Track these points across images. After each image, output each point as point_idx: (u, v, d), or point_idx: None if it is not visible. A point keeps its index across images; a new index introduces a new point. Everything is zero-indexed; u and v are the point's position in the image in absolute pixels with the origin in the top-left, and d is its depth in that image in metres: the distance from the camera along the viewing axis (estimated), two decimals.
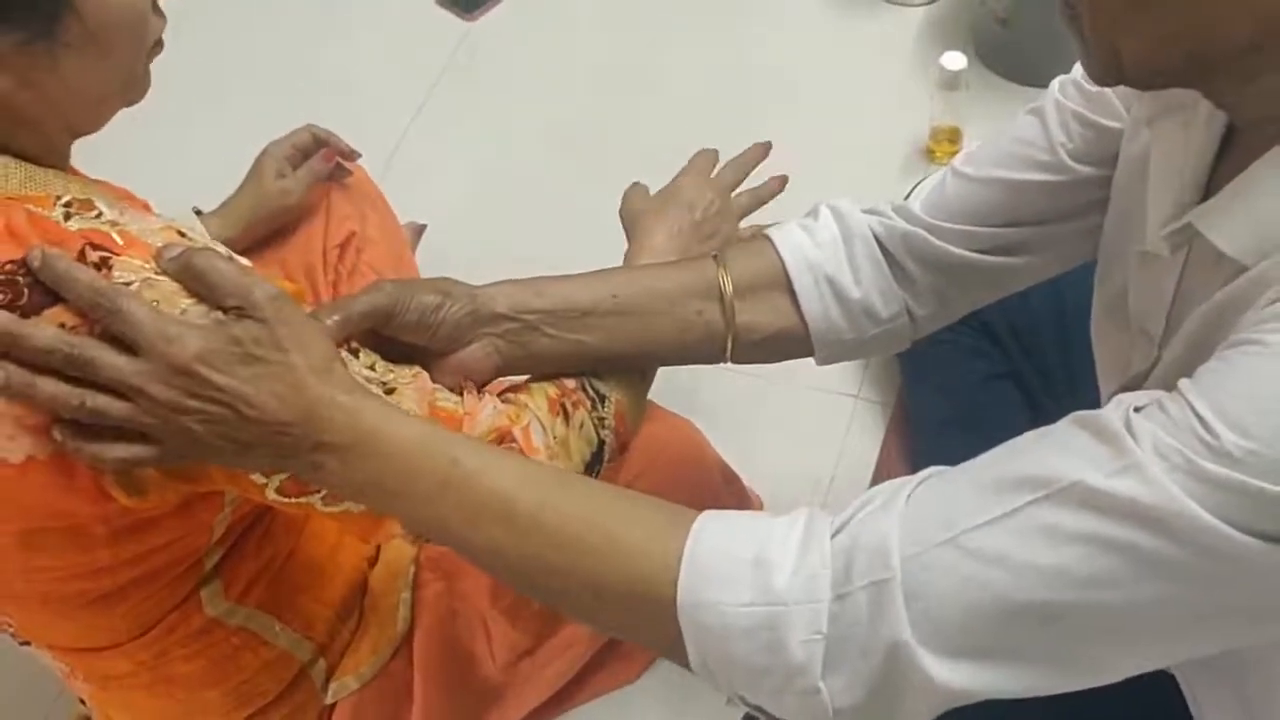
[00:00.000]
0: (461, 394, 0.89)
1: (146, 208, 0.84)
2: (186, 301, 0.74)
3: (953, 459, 0.69)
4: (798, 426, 1.57)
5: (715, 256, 0.99)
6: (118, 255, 0.74)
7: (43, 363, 0.70)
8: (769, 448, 1.52)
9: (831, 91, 1.95)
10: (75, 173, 0.84)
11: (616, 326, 0.95)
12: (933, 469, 0.69)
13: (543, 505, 0.72)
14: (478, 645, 1.13)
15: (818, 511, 0.69)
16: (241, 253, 1.29)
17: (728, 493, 1.34)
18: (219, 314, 0.74)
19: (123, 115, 0.84)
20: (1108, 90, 0.89)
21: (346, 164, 1.40)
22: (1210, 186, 0.75)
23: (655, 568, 0.68)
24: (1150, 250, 0.78)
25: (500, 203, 1.88)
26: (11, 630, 0.94)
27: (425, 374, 0.86)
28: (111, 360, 0.71)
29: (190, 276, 0.74)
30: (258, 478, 0.79)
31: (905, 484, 0.68)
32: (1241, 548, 0.58)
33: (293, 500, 0.81)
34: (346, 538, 1.04)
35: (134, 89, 0.82)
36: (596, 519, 0.72)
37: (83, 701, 1.16)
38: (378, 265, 1.37)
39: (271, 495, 0.80)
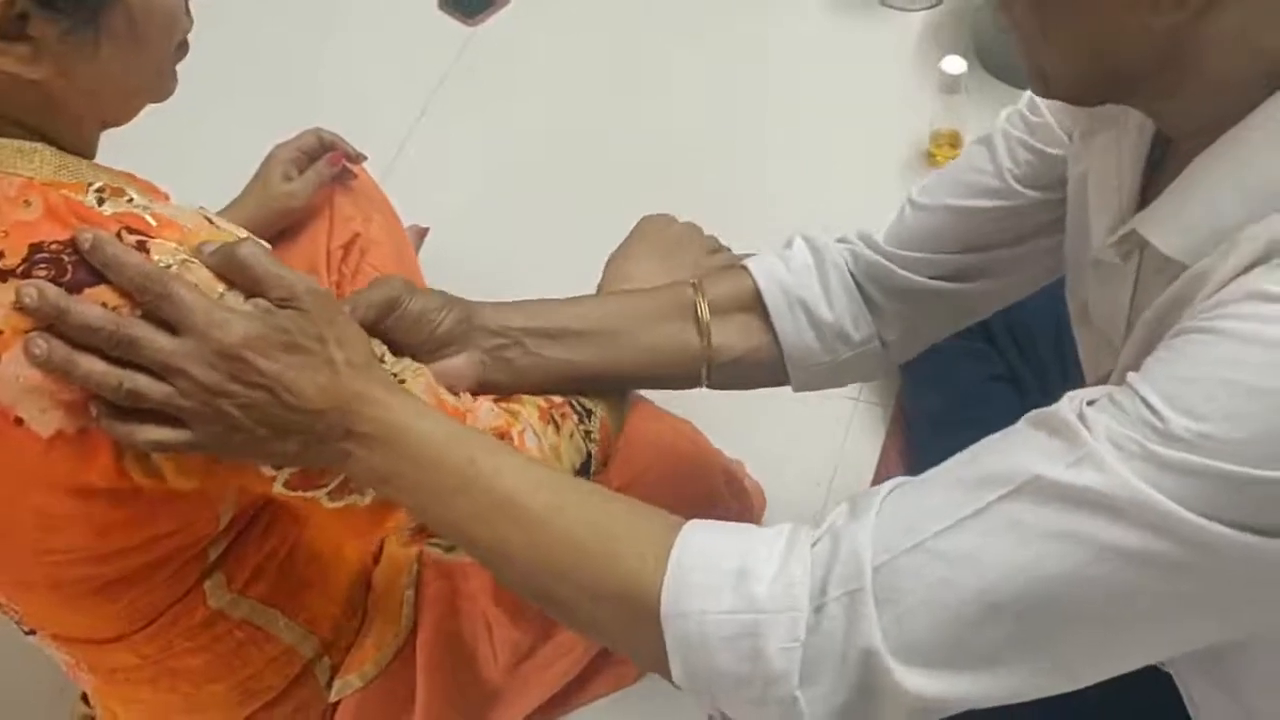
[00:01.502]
0: (458, 395, 0.90)
1: (167, 199, 0.85)
2: (223, 286, 0.75)
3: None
4: (798, 429, 1.57)
5: (693, 284, 1.02)
6: (153, 238, 0.75)
7: (86, 340, 0.71)
8: (769, 451, 1.52)
9: (832, 96, 1.96)
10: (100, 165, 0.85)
11: (594, 345, 0.98)
12: (901, 478, 0.70)
13: (551, 508, 0.73)
14: (480, 645, 1.13)
15: (801, 525, 0.70)
16: None
17: (729, 494, 1.34)
18: (260, 300, 0.75)
19: None
20: (1050, 120, 0.92)
21: (351, 167, 1.41)
22: (1150, 194, 0.77)
23: (646, 574, 0.69)
24: (1102, 259, 0.80)
25: (503, 206, 1.89)
26: (17, 618, 0.95)
27: (428, 370, 0.88)
28: (157, 340, 0.72)
29: (235, 268, 0.75)
30: (267, 470, 0.80)
31: (878, 492, 0.69)
32: (1203, 534, 0.59)
33: (299, 494, 0.82)
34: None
35: (162, 86, 0.84)
36: (600, 524, 0.73)
37: (85, 700, 1.17)
38: (381, 267, 1.38)
39: (278, 489, 0.81)
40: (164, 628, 0.93)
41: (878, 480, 1.51)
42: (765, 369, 1.04)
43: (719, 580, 0.67)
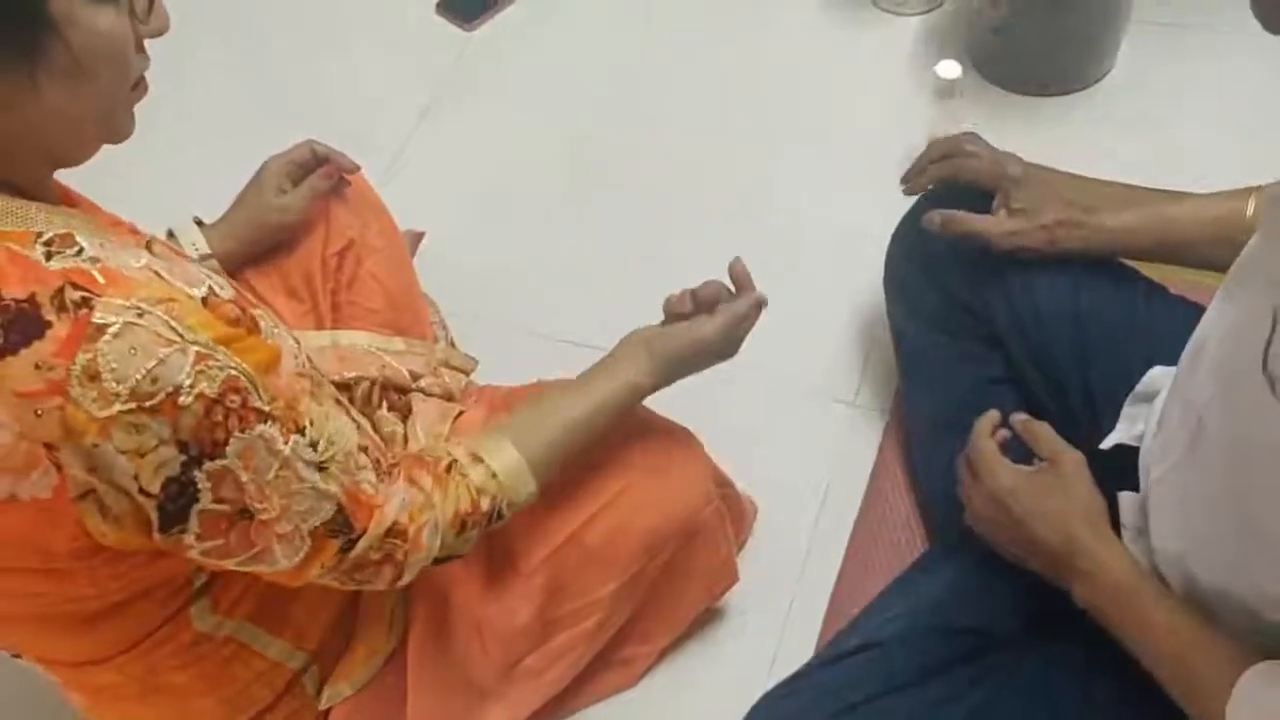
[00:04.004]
0: (379, 478, 0.90)
1: (133, 231, 0.83)
2: (165, 350, 0.73)
3: (948, 464, 0.69)
4: (795, 433, 1.57)
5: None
6: (99, 296, 0.73)
7: None
8: (766, 454, 1.52)
9: (829, 100, 1.96)
10: (63, 195, 0.83)
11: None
12: None
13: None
14: (471, 651, 1.14)
15: None
16: (241, 264, 1.30)
17: (721, 499, 1.34)
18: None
19: None
20: None
21: (346, 177, 1.39)
22: None
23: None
24: None
25: (499, 211, 1.89)
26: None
27: (355, 454, 0.88)
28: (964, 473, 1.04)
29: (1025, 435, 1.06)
30: (189, 540, 0.80)
31: None
32: None
33: (212, 561, 0.84)
34: None
35: (115, 127, 0.82)
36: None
37: None
38: (379, 273, 1.37)
39: (194, 555, 0.82)
40: (149, 650, 0.93)
41: (874, 484, 1.51)
42: None
43: None
